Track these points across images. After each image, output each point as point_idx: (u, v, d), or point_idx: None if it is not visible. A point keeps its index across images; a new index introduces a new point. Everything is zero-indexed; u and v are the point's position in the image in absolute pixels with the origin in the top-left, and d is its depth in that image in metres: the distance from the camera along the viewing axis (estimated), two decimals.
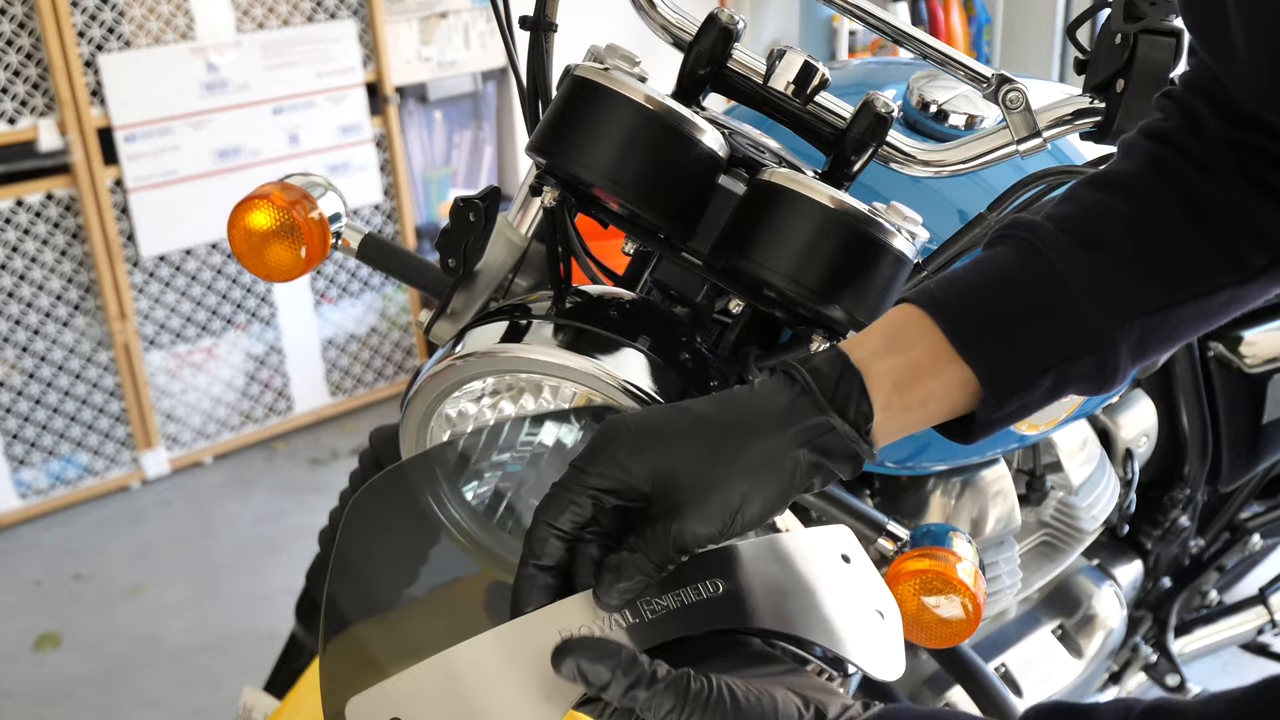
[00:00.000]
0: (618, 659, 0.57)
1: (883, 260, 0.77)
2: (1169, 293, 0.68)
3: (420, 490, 0.76)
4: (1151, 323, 0.68)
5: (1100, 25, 0.87)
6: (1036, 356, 0.67)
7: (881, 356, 0.65)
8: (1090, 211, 0.70)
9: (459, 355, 0.78)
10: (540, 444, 0.82)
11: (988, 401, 0.67)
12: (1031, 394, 0.67)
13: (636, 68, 0.81)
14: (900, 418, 0.66)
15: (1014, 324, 0.67)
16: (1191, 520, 1.56)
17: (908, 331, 0.67)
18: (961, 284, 0.68)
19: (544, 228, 0.92)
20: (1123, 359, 0.68)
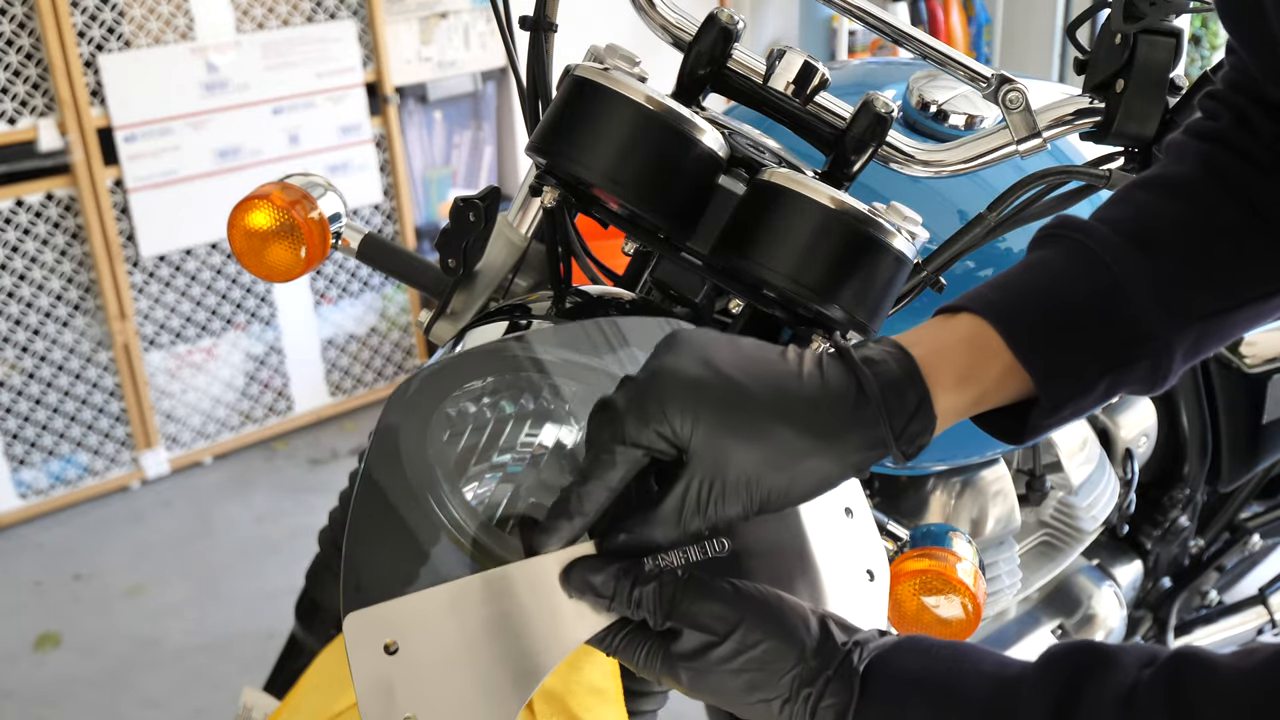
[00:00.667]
0: (619, 567, 0.59)
1: (883, 260, 0.77)
2: (1229, 296, 0.68)
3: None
4: (1210, 326, 0.68)
5: (1100, 25, 0.88)
6: (1094, 362, 0.66)
7: (954, 389, 0.64)
8: (1145, 213, 0.69)
9: (459, 355, 0.78)
10: (540, 444, 0.82)
11: (1044, 408, 0.66)
12: (1086, 398, 0.67)
13: (636, 68, 0.81)
14: (956, 417, 0.66)
15: (1072, 331, 0.66)
16: (1191, 520, 1.56)
17: (984, 358, 0.65)
18: (1017, 291, 0.67)
19: (544, 228, 0.92)
20: (1177, 362, 0.68)
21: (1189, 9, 0.84)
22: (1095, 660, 0.55)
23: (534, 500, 0.84)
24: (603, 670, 0.97)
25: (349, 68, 2.97)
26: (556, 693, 0.97)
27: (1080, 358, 0.66)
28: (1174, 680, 0.53)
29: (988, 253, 1.00)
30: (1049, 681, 0.55)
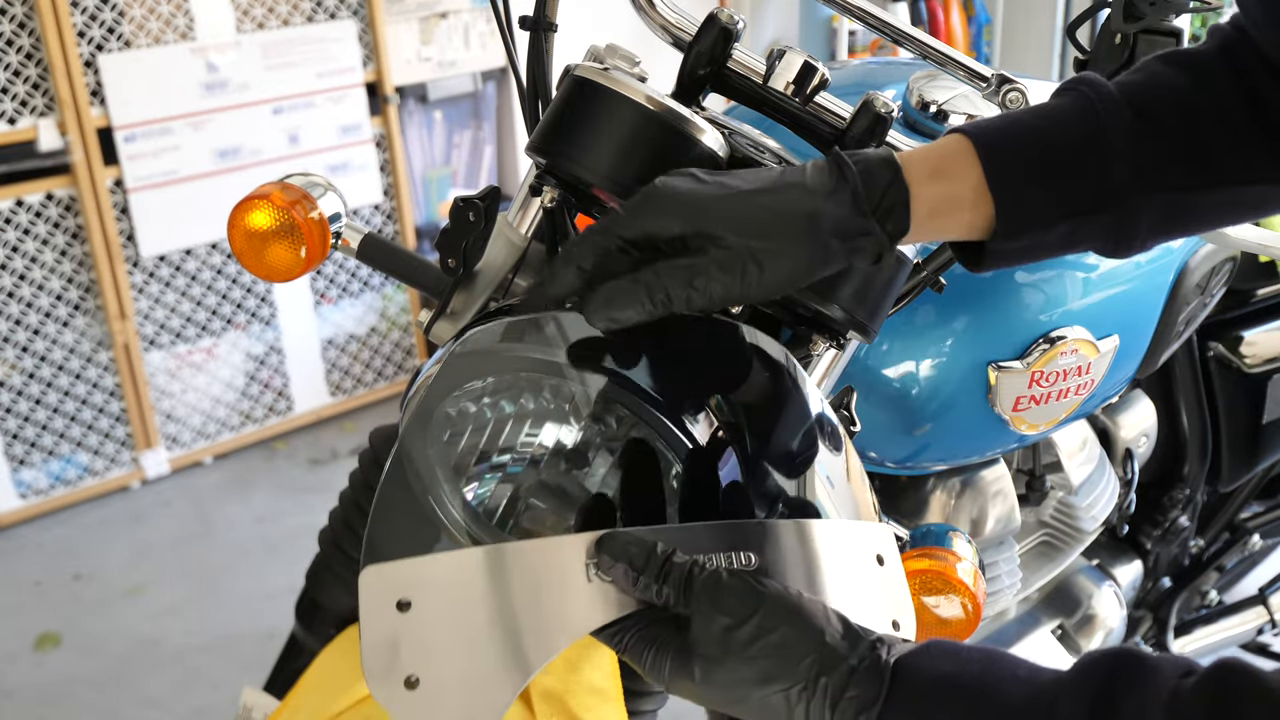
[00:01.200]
0: (653, 544, 0.60)
1: (883, 261, 0.77)
2: (1204, 174, 0.70)
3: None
4: (1180, 200, 0.70)
5: (1100, 25, 0.88)
6: (1058, 201, 0.69)
7: (927, 181, 0.68)
8: (1151, 81, 0.71)
9: (460, 354, 0.78)
10: (540, 444, 0.82)
11: (999, 232, 0.69)
12: (1045, 236, 0.70)
13: (636, 68, 0.81)
14: (924, 236, 0.70)
15: (1045, 164, 0.69)
16: (1191, 520, 1.56)
17: (956, 162, 0.69)
18: (1012, 122, 0.71)
19: (544, 228, 0.92)
20: (1142, 228, 0.70)
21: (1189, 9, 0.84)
22: (1134, 666, 0.55)
23: (534, 500, 0.84)
24: (603, 670, 0.97)
25: (349, 68, 2.97)
26: (556, 693, 0.97)
27: (1045, 193, 0.69)
28: (1219, 687, 0.53)
29: None
30: (1087, 686, 0.55)
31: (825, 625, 0.59)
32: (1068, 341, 1.02)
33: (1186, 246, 1.16)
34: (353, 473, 1.09)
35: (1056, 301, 1.03)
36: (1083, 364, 1.04)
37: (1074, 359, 1.03)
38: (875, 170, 0.68)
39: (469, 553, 0.61)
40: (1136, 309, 1.10)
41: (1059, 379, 1.03)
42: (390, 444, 1.06)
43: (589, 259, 0.67)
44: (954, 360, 1.00)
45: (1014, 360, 1.01)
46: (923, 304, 0.99)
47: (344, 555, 1.08)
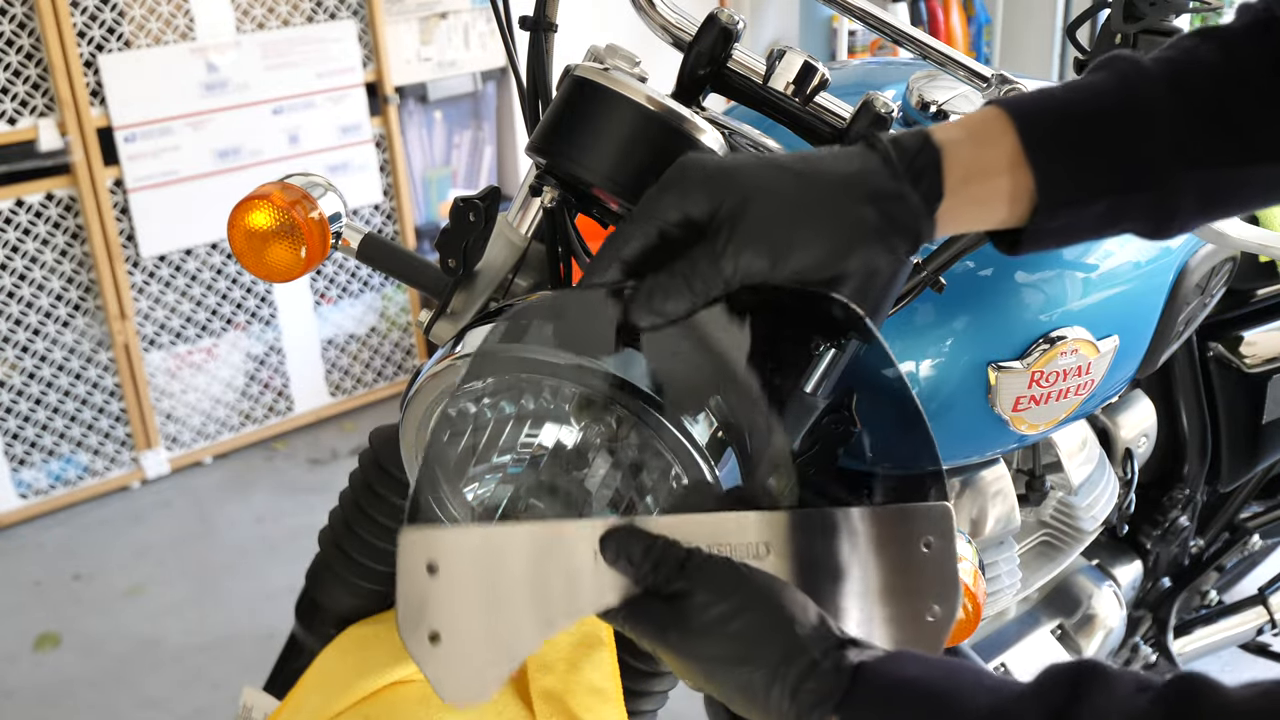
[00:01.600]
0: (648, 543, 0.64)
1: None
2: (1243, 151, 0.69)
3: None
4: (1220, 177, 0.69)
5: (1100, 25, 0.88)
6: (1097, 178, 0.68)
7: (961, 144, 0.68)
8: (1186, 57, 0.71)
9: (459, 355, 0.78)
10: (540, 445, 0.82)
11: (1040, 209, 0.68)
12: (1083, 214, 0.69)
13: (636, 68, 0.81)
14: (963, 210, 0.68)
15: (1085, 141, 0.68)
16: (1191, 520, 1.56)
17: (989, 128, 0.68)
18: (1049, 97, 0.70)
19: (544, 228, 0.92)
20: (1182, 206, 0.69)
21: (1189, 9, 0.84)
22: (1095, 678, 0.56)
23: (534, 501, 0.84)
24: (603, 670, 0.98)
25: (349, 68, 2.97)
26: (556, 693, 0.97)
27: (1085, 170, 0.68)
28: (1178, 699, 0.54)
29: (988, 253, 1.00)
30: (1049, 696, 0.56)
31: (799, 617, 0.62)
32: (1068, 341, 1.02)
33: (1186, 246, 1.16)
34: (353, 473, 1.09)
35: (1056, 301, 1.03)
36: (1083, 364, 1.04)
37: (1074, 359, 1.03)
38: (904, 138, 0.68)
39: (492, 529, 0.67)
40: (1136, 309, 1.10)
41: (1059, 379, 1.03)
42: (390, 444, 1.06)
43: (630, 249, 0.66)
44: (954, 360, 1.00)
45: (1014, 360, 1.01)
46: (923, 304, 0.99)
47: (344, 555, 1.08)
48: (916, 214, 0.66)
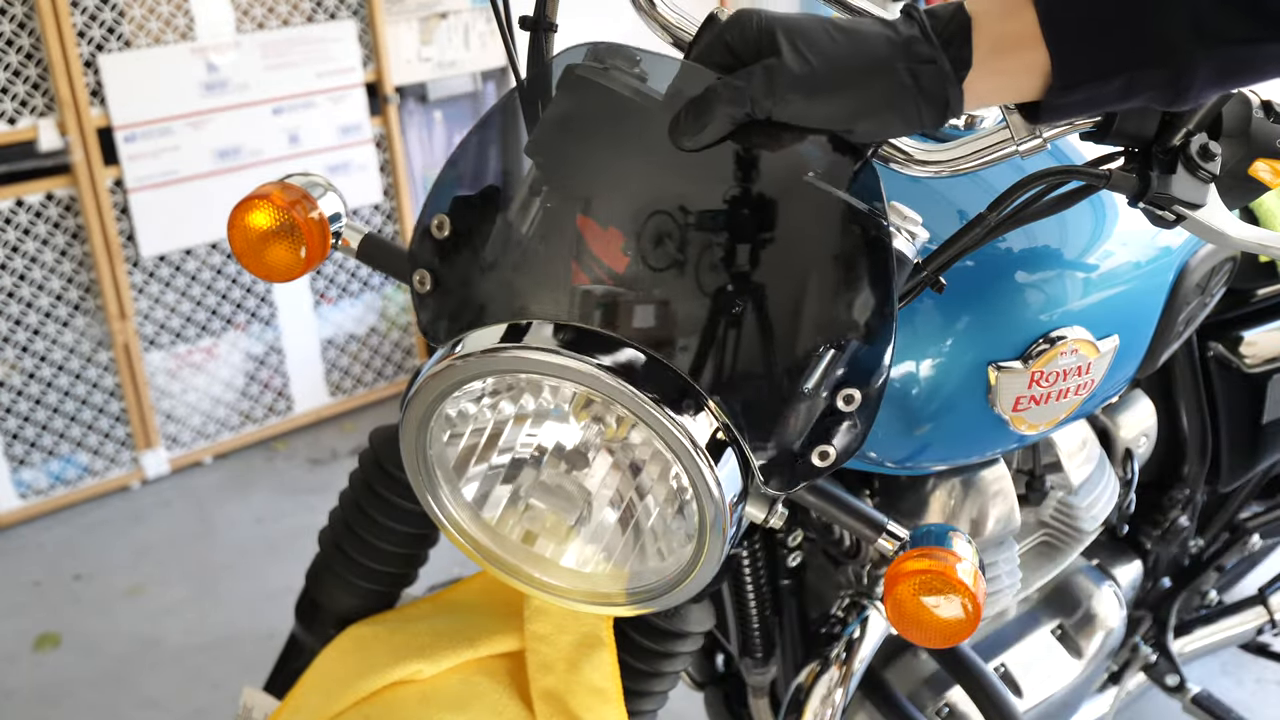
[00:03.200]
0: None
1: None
2: (1262, 27, 0.69)
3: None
4: (1237, 52, 0.70)
5: None
6: (1115, 55, 0.70)
7: (990, 16, 0.70)
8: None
9: (459, 355, 0.78)
10: (540, 444, 0.82)
11: (1055, 87, 0.70)
12: (1101, 89, 0.71)
13: (637, 68, 0.81)
14: (989, 80, 0.71)
15: (1102, 18, 0.69)
16: (1191, 520, 1.56)
17: (1011, 2, 0.70)
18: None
19: None
20: (1199, 79, 0.70)
21: None
22: None
23: (534, 500, 0.84)
24: (603, 671, 0.98)
25: (349, 68, 2.97)
26: (556, 693, 0.97)
27: (1102, 44, 0.70)
28: None
29: (988, 253, 1.00)
30: None
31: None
32: (1068, 341, 1.02)
33: (1186, 246, 1.16)
34: (353, 473, 1.09)
35: (1056, 301, 1.03)
36: (1083, 364, 1.04)
37: (1074, 359, 1.03)
38: (939, 8, 0.71)
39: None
40: (1136, 309, 1.10)
41: (1059, 379, 1.03)
42: (390, 444, 1.06)
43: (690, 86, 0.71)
44: (954, 360, 1.00)
45: (1014, 360, 1.01)
46: (923, 304, 0.99)
47: (344, 555, 1.08)
48: (946, 79, 0.69)
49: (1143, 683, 1.65)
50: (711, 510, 0.75)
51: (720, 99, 0.69)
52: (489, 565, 0.86)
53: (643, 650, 1.01)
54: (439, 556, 1.18)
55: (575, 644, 0.98)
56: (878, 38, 0.69)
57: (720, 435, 0.75)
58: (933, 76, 0.69)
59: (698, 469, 0.73)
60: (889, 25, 0.70)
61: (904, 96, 0.69)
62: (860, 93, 0.69)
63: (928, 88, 0.69)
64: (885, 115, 0.70)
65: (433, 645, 1.00)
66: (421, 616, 1.07)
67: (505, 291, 0.79)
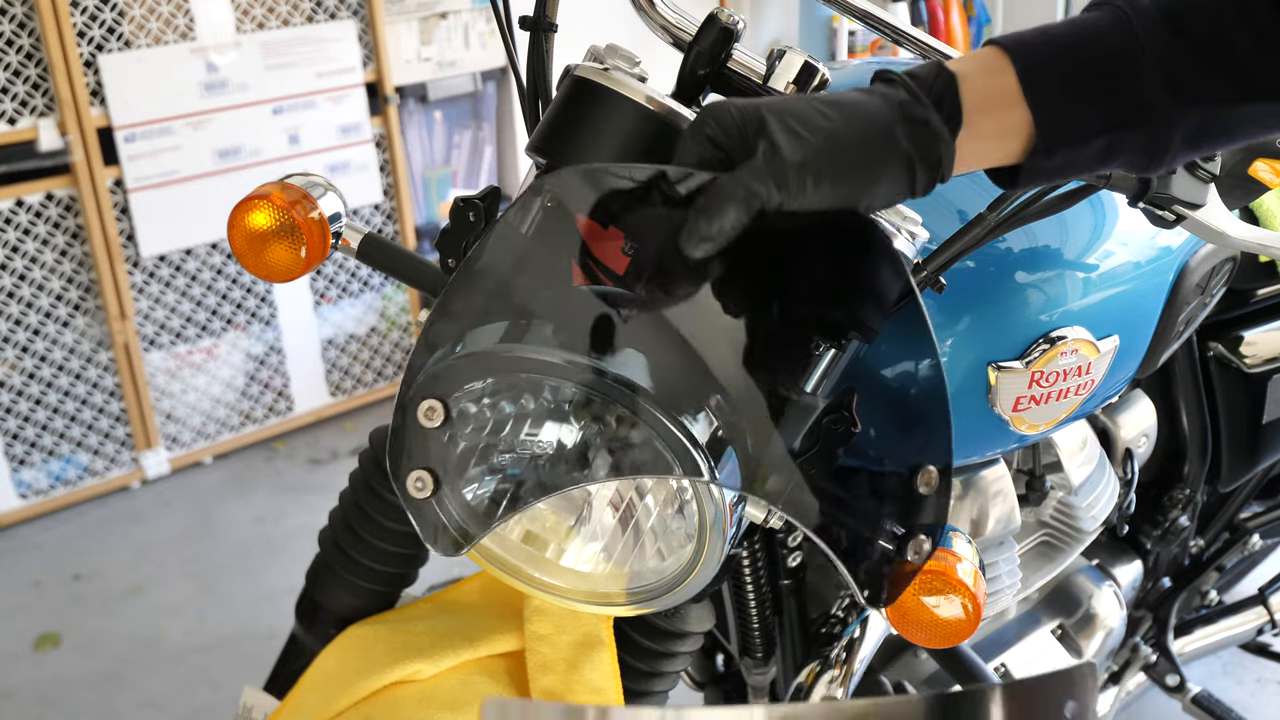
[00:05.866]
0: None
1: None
2: (1237, 87, 0.69)
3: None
4: (1214, 113, 0.70)
5: None
6: (1094, 116, 0.69)
7: (971, 76, 0.69)
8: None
9: (459, 355, 0.78)
10: (540, 444, 0.82)
11: (1037, 149, 0.70)
12: (1081, 151, 0.70)
13: (636, 68, 0.81)
14: (972, 143, 0.69)
15: (1081, 79, 0.69)
16: (1191, 520, 1.56)
17: (991, 63, 0.70)
18: (1047, 35, 0.71)
19: None
20: (1175, 142, 0.70)
21: None
22: None
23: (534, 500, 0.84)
24: (603, 670, 0.98)
25: (349, 68, 2.97)
26: (556, 693, 0.97)
27: (1082, 108, 0.69)
28: None
29: (988, 253, 1.00)
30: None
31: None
32: (1068, 341, 1.02)
33: (1186, 246, 1.16)
34: (353, 473, 1.09)
35: (1056, 301, 1.03)
36: (1083, 364, 1.04)
37: (1074, 359, 1.03)
38: (918, 70, 0.69)
39: (603, 709, 0.56)
40: (1136, 309, 1.10)
41: (1059, 379, 1.03)
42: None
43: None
44: (954, 360, 1.00)
45: (1014, 360, 1.01)
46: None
47: (344, 555, 1.08)
48: (940, 138, 0.67)
49: (1143, 683, 1.65)
50: (711, 510, 0.75)
51: (729, 198, 0.65)
52: (489, 565, 0.86)
53: (643, 650, 1.01)
54: (439, 556, 1.18)
55: (575, 644, 0.98)
56: (870, 105, 0.67)
57: (720, 435, 0.75)
58: (927, 138, 0.67)
59: (697, 469, 0.73)
60: (875, 92, 0.68)
61: (906, 163, 0.67)
62: (865, 166, 0.66)
63: (923, 150, 0.67)
64: (890, 184, 0.67)
65: (433, 645, 1.00)
66: (421, 616, 1.07)
67: (534, 488, 0.73)
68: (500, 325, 0.78)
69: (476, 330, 0.78)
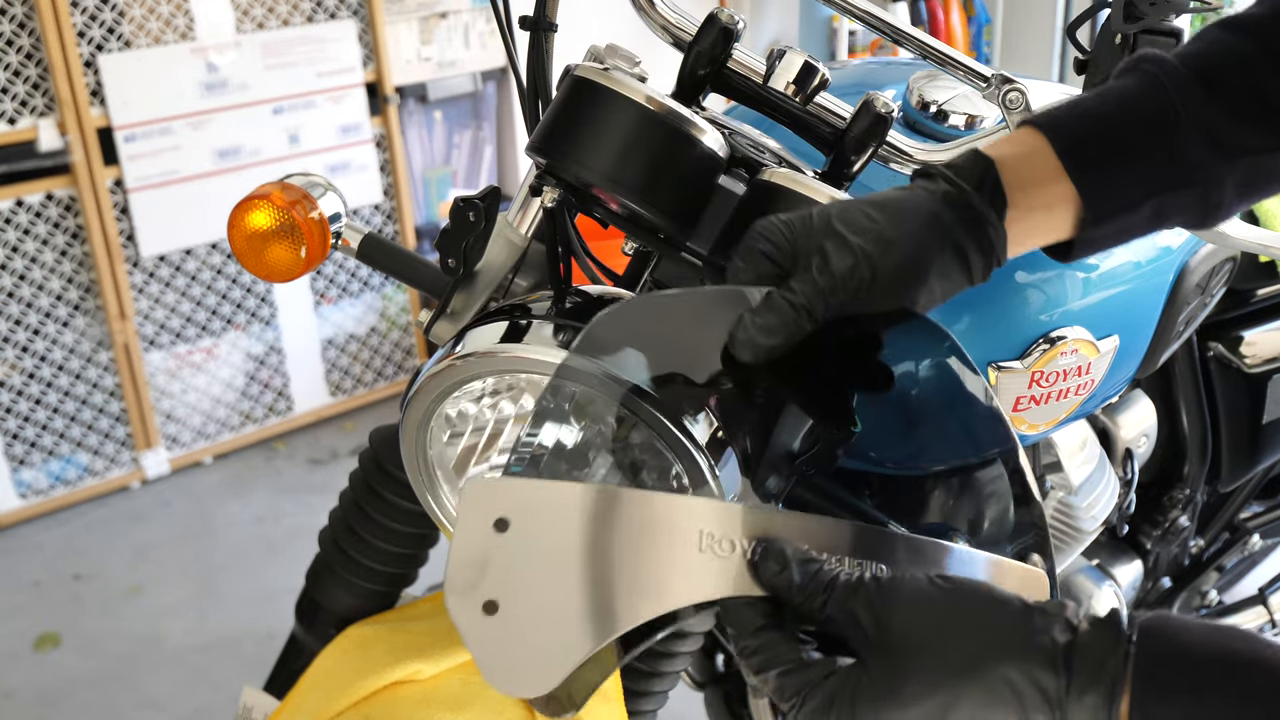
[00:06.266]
0: (814, 568, 0.58)
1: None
2: (1279, 133, 0.69)
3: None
4: (1260, 162, 0.70)
5: (1100, 25, 0.88)
6: (1140, 183, 0.69)
7: (1008, 159, 0.69)
8: (1213, 49, 0.71)
9: (459, 355, 0.78)
10: (540, 444, 0.82)
11: (1087, 220, 0.69)
12: (1131, 218, 0.70)
13: (636, 68, 0.82)
14: (1024, 221, 0.69)
15: (1121, 148, 0.69)
16: (1191, 520, 1.56)
17: (1029, 144, 0.70)
18: (1080, 108, 0.71)
19: (544, 228, 0.92)
20: (1227, 195, 0.70)
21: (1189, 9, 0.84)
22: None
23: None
24: None
25: (349, 68, 2.97)
26: None
27: (1127, 176, 0.69)
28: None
29: None
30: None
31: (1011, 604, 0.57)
32: (1068, 341, 1.02)
33: (1186, 246, 1.16)
34: (353, 473, 1.09)
35: (1056, 301, 1.03)
36: (1083, 364, 1.04)
37: (1074, 359, 1.03)
38: (955, 159, 0.69)
39: (584, 487, 0.58)
40: (1136, 309, 1.10)
41: (1059, 379, 1.03)
42: (390, 444, 1.06)
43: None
44: None
45: (1014, 360, 1.01)
46: None
47: (344, 555, 1.08)
48: (987, 221, 0.67)
49: None
50: None
51: (782, 313, 0.64)
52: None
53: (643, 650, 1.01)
54: (439, 556, 1.18)
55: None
56: (913, 200, 0.67)
57: (720, 435, 0.75)
58: (974, 224, 0.66)
59: (698, 469, 0.73)
60: (916, 188, 0.68)
61: (957, 252, 0.66)
62: (916, 260, 0.65)
63: (973, 237, 0.67)
64: (944, 276, 0.66)
65: (433, 645, 1.00)
66: (421, 616, 1.07)
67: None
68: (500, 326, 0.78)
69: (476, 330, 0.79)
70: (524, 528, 0.55)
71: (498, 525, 0.55)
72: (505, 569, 0.55)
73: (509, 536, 0.55)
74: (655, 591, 0.56)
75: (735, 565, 0.58)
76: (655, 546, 0.56)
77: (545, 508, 0.56)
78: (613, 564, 0.56)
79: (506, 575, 0.55)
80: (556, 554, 0.55)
